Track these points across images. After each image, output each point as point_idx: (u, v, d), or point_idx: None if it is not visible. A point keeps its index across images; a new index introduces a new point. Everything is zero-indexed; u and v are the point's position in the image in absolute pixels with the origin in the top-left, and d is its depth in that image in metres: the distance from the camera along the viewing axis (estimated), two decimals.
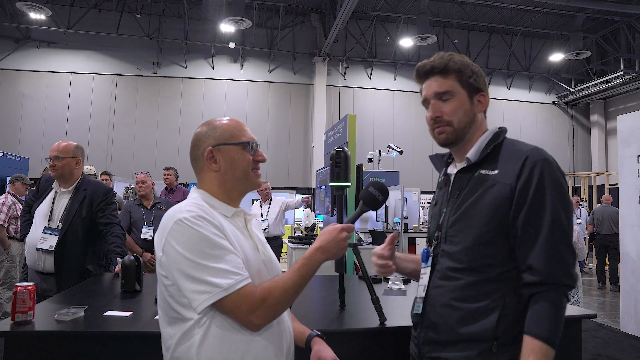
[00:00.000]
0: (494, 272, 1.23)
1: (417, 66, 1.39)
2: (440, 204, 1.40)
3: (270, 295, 1.15)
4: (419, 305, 1.37)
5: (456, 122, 1.32)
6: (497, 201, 1.22)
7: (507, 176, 1.23)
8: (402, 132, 14.14)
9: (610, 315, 5.93)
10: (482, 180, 1.28)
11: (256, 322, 1.15)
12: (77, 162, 2.88)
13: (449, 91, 1.32)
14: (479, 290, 1.23)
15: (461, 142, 1.35)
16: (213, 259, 1.13)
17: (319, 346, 1.37)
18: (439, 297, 1.31)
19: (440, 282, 1.31)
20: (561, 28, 13.93)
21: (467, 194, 1.29)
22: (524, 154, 1.23)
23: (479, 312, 1.22)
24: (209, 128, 1.31)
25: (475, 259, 1.25)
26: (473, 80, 1.33)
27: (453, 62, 1.32)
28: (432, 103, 1.34)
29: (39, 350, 1.59)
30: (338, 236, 1.26)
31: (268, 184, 6.37)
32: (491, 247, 1.23)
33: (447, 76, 1.32)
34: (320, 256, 1.24)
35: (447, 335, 1.26)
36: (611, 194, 9.36)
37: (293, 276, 1.19)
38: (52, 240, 2.71)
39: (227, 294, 1.11)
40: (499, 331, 1.20)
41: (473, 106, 1.34)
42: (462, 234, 1.28)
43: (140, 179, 4.53)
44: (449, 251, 1.31)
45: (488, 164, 1.29)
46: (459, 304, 1.25)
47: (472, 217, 1.26)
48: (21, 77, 12.55)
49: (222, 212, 1.26)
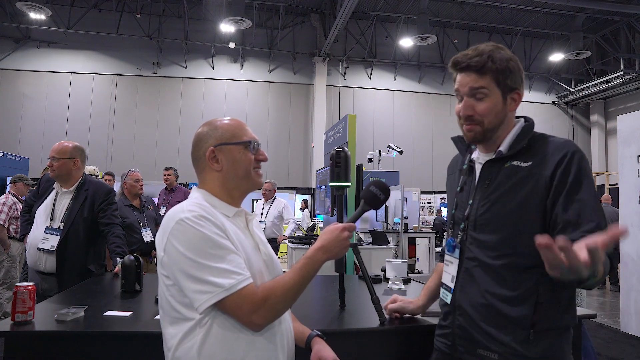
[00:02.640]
0: (529, 261, 1.23)
1: (454, 60, 1.36)
2: (468, 192, 1.40)
3: (272, 295, 1.15)
4: (448, 295, 1.38)
5: (487, 122, 1.31)
6: (535, 192, 1.24)
7: (543, 167, 1.24)
8: (402, 132, 14.14)
9: (610, 315, 5.93)
10: (514, 171, 1.29)
11: (258, 322, 1.15)
12: (74, 163, 2.86)
13: (484, 88, 1.30)
14: (514, 278, 1.24)
15: (489, 140, 1.36)
16: (215, 259, 1.13)
17: (319, 346, 1.37)
18: (471, 285, 1.31)
19: (472, 270, 1.32)
20: (561, 28, 13.94)
21: (499, 184, 1.30)
22: (560, 146, 1.26)
23: (515, 299, 1.23)
24: (210, 128, 1.31)
25: (510, 247, 1.26)
26: (510, 81, 1.31)
27: (492, 62, 1.30)
28: (465, 100, 1.32)
29: (39, 350, 1.59)
30: (340, 235, 1.25)
31: (270, 183, 6.26)
32: (526, 236, 1.23)
33: (483, 74, 1.30)
34: (322, 256, 1.23)
35: (482, 323, 1.27)
36: (611, 194, 9.36)
37: (295, 276, 1.19)
38: (53, 240, 2.71)
39: (229, 293, 1.11)
40: (535, 318, 1.21)
41: (506, 106, 1.33)
42: (495, 223, 1.28)
43: (139, 177, 4.38)
44: (480, 239, 1.31)
45: (520, 155, 1.30)
46: (495, 290, 1.26)
47: (506, 206, 1.27)
48: (21, 77, 12.56)
49: (223, 212, 1.26)
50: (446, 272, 1.42)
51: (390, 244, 5.55)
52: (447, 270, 1.42)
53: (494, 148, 1.36)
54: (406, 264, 2.60)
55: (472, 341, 1.30)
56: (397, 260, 2.59)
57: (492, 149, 1.36)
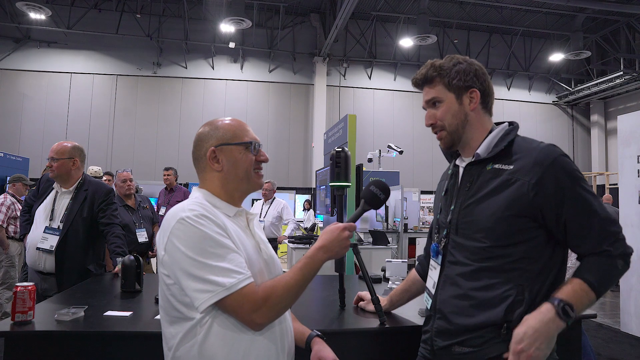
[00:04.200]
0: (507, 264, 1.25)
1: (411, 81, 1.46)
2: (451, 196, 1.41)
3: (273, 294, 1.15)
4: (429, 301, 1.39)
5: (447, 125, 1.37)
6: (517, 196, 1.24)
7: (525, 172, 1.25)
8: (402, 132, 14.14)
9: (610, 315, 5.93)
10: (496, 174, 1.30)
11: (258, 322, 1.15)
12: (73, 163, 2.87)
13: (435, 97, 1.38)
14: (493, 280, 1.25)
15: (459, 142, 1.39)
16: (215, 258, 1.13)
17: (319, 346, 1.37)
18: (451, 288, 1.32)
19: (452, 273, 1.33)
20: (561, 28, 13.94)
21: (479, 186, 1.32)
22: (543, 151, 1.26)
23: (492, 301, 1.24)
24: (212, 128, 1.31)
25: (490, 249, 1.27)
26: (458, 81, 1.35)
27: (433, 68, 1.38)
28: (427, 112, 1.41)
29: (39, 350, 1.59)
30: (340, 235, 1.26)
31: (270, 183, 6.24)
32: (506, 239, 1.25)
33: (433, 84, 1.38)
34: (322, 255, 1.24)
35: (459, 323, 1.28)
36: (611, 194, 9.36)
37: (295, 275, 1.19)
38: (53, 240, 2.71)
39: (230, 293, 1.11)
40: (510, 316, 1.22)
41: (463, 105, 1.37)
42: (476, 225, 1.29)
43: (127, 177, 4.30)
44: (460, 242, 1.32)
45: (501, 158, 1.31)
46: (472, 293, 1.27)
47: (488, 209, 1.27)
48: (21, 77, 12.56)
49: (224, 211, 1.26)
50: (429, 277, 1.44)
51: (390, 244, 5.56)
52: (430, 276, 1.44)
53: (472, 151, 1.38)
54: (406, 264, 2.60)
55: (448, 339, 1.31)
56: (397, 260, 2.59)
57: (471, 152, 1.38)
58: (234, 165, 1.29)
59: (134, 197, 4.43)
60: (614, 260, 1.22)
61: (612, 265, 1.22)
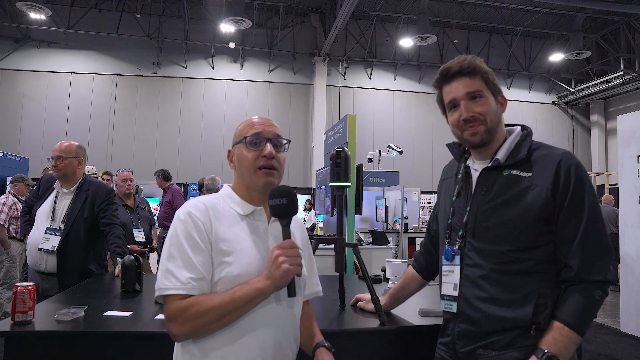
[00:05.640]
0: (529, 267, 1.26)
1: (442, 69, 1.38)
2: (464, 199, 1.40)
3: (193, 308, 1.11)
4: (452, 304, 1.37)
5: (489, 120, 1.33)
6: (538, 202, 1.26)
7: (543, 179, 1.27)
8: (402, 132, 14.14)
9: (610, 315, 5.93)
10: (514, 180, 1.30)
11: (173, 332, 1.14)
12: (79, 162, 2.89)
13: (480, 90, 1.34)
14: (515, 283, 1.26)
15: (491, 142, 1.37)
16: (170, 258, 1.16)
17: (321, 356, 1.32)
18: (474, 291, 1.32)
19: (474, 276, 1.33)
20: (561, 28, 13.93)
21: (497, 192, 1.31)
22: (557, 158, 1.28)
23: (516, 303, 1.25)
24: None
25: (510, 254, 1.27)
26: (495, 82, 1.36)
27: (480, 63, 1.35)
28: (464, 104, 1.34)
29: (39, 350, 1.59)
30: (272, 258, 1.14)
31: None
32: (526, 243, 1.27)
33: (474, 77, 1.34)
34: (261, 280, 1.14)
35: (485, 326, 1.29)
36: (611, 194, 9.36)
37: (224, 296, 1.13)
38: (54, 241, 2.71)
39: (160, 294, 1.15)
40: (536, 319, 1.23)
41: (498, 107, 1.37)
42: (495, 231, 1.30)
43: (128, 177, 4.33)
44: (480, 247, 1.32)
45: (519, 164, 1.31)
46: (496, 295, 1.27)
47: (507, 215, 1.28)
48: (21, 77, 12.55)
49: (238, 209, 1.26)
50: (446, 282, 1.40)
51: (390, 244, 5.55)
52: (447, 281, 1.40)
53: (489, 155, 1.36)
54: (406, 264, 2.60)
55: (472, 343, 1.31)
56: (397, 260, 2.60)
57: (488, 156, 1.37)
58: (239, 164, 1.30)
59: (133, 197, 4.44)
60: (592, 292, 1.23)
61: (590, 298, 1.23)
